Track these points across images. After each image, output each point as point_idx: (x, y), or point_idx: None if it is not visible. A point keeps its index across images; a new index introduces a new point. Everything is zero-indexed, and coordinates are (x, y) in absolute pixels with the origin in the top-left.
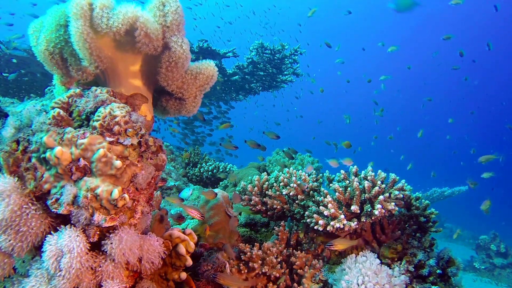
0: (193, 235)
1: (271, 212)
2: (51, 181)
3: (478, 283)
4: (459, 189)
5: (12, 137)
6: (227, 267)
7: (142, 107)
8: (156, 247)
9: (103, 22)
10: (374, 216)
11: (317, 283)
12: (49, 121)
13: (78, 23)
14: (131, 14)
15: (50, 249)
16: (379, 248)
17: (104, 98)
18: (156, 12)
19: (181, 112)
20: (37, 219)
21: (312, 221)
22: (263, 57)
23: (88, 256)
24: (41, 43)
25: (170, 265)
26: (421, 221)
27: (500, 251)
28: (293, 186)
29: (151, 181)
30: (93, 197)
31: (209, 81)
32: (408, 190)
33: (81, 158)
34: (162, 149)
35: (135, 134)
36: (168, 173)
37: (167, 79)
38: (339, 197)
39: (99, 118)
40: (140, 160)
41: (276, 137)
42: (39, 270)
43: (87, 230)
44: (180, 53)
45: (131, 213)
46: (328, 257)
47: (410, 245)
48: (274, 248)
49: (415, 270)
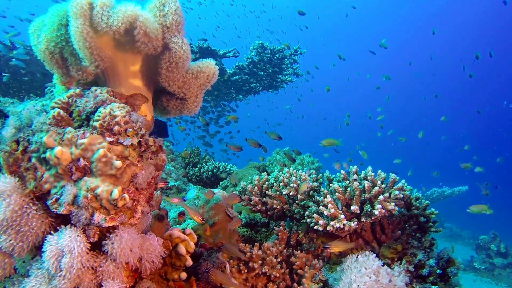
0: (193, 235)
1: (271, 212)
2: (51, 181)
3: (478, 283)
4: (459, 189)
5: (12, 137)
6: (227, 267)
7: (142, 107)
8: (156, 247)
9: (103, 21)
10: (374, 216)
11: (317, 283)
12: (49, 121)
13: (78, 22)
14: (130, 13)
15: (50, 249)
16: (379, 248)
17: (104, 98)
18: (156, 12)
19: (182, 112)
20: (37, 219)
21: (312, 221)
22: (263, 57)
23: (89, 256)
24: (42, 42)
25: (170, 265)
26: (421, 221)
27: (500, 251)
28: (293, 186)
29: (151, 181)
30: (93, 197)
31: (210, 80)
32: (408, 190)
33: (81, 158)
34: (162, 149)
35: (135, 134)
36: (168, 173)
37: (168, 79)
38: (339, 197)
39: (99, 118)
40: (140, 160)
41: (278, 138)
42: (40, 270)
43: (87, 230)
44: (180, 53)
45: (131, 213)
46: (328, 257)
47: (410, 245)
48: (274, 248)
49: (415, 270)
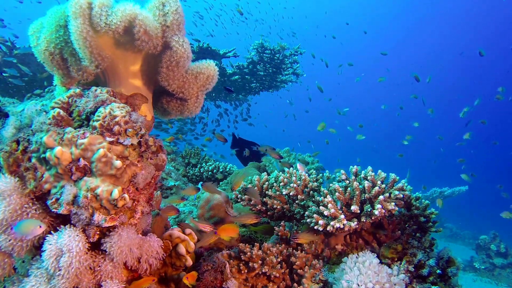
0: (193, 235)
1: (271, 212)
2: (51, 181)
3: (478, 283)
4: (459, 189)
5: (12, 137)
6: (227, 267)
7: (142, 107)
8: (155, 247)
9: (102, 20)
10: (374, 216)
11: (317, 283)
12: (49, 121)
13: (78, 22)
14: (129, 11)
15: (50, 248)
16: (379, 248)
17: (104, 98)
18: (156, 12)
19: (183, 113)
20: (37, 218)
21: (312, 221)
22: (263, 57)
23: (88, 256)
24: (42, 44)
25: (170, 265)
26: (421, 221)
27: (500, 251)
28: (293, 186)
29: (151, 181)
30: (93, 197)
31: (210, 81)
32: (408, 190)
33: (81, 158)
34: (162, 149)
35: (135, 134)
36: (168, 173)
37: (168, 78)
38: (339, 197)
39: (99, 118)
40: (140, 160)
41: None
42: (39, 269)
43: (87, 230)
44: (181, 52)
45: (131, 213)
46: (328, 257)
47: (410, 245)
48: (274, 248)
49: (415, 270)
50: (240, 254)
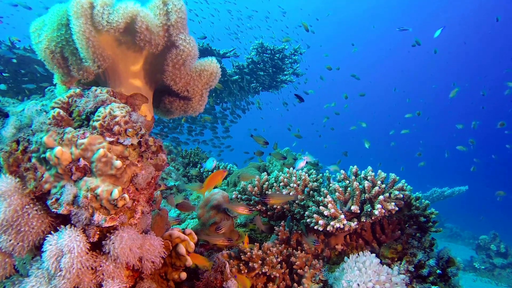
0: (193, 235)
1: (271, 212)
2: (51, 181)
3: (478, 283)
4: (459, 189)
5: (12, 137)
6: (227, 267)
7: (142, 107)
8: (156, 247)
9: (104, 19)
10: (374, 216)
11: (317, 283)
12: (49, 121)
13: (80, 21)
14: (131, 9)
15: (50, 249)
16: (379, 248)
17: (104, 98)
18: (157, 11)
19: (187, 112)
20: (38, 219)
21: (312, 221)
22: (263, 57)
23: (88, 256)
24: (43, 41)
25: (170, 265)
26: (421, 221)
27: (500, 251)
28: (293, 186)
29: (151, 181)
30: (93, 197)
31: (213, 78)
32: (408, 190)
33: (81, 158)
34: (162, 149)
35: (135, 134)
36: (168, 173)
37: (175, 77)
38: (339, 197)
39: (99, 118)
40: (140, 160)
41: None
42: (40, 270)
43: (87, 230)
44: (188, 50)
45: (131, 213)
46: (328, 257)
47: (410, 245)
48: (274, 248)
49: (415, 270)
50: (240, 254)
